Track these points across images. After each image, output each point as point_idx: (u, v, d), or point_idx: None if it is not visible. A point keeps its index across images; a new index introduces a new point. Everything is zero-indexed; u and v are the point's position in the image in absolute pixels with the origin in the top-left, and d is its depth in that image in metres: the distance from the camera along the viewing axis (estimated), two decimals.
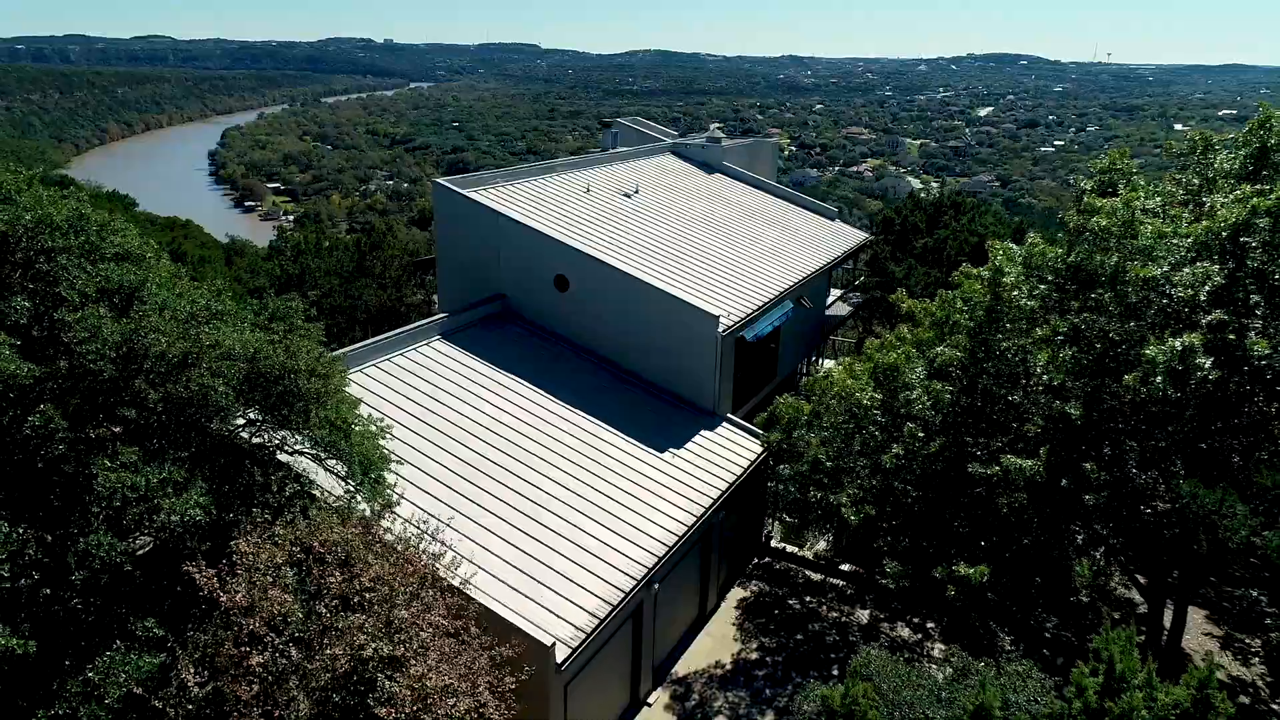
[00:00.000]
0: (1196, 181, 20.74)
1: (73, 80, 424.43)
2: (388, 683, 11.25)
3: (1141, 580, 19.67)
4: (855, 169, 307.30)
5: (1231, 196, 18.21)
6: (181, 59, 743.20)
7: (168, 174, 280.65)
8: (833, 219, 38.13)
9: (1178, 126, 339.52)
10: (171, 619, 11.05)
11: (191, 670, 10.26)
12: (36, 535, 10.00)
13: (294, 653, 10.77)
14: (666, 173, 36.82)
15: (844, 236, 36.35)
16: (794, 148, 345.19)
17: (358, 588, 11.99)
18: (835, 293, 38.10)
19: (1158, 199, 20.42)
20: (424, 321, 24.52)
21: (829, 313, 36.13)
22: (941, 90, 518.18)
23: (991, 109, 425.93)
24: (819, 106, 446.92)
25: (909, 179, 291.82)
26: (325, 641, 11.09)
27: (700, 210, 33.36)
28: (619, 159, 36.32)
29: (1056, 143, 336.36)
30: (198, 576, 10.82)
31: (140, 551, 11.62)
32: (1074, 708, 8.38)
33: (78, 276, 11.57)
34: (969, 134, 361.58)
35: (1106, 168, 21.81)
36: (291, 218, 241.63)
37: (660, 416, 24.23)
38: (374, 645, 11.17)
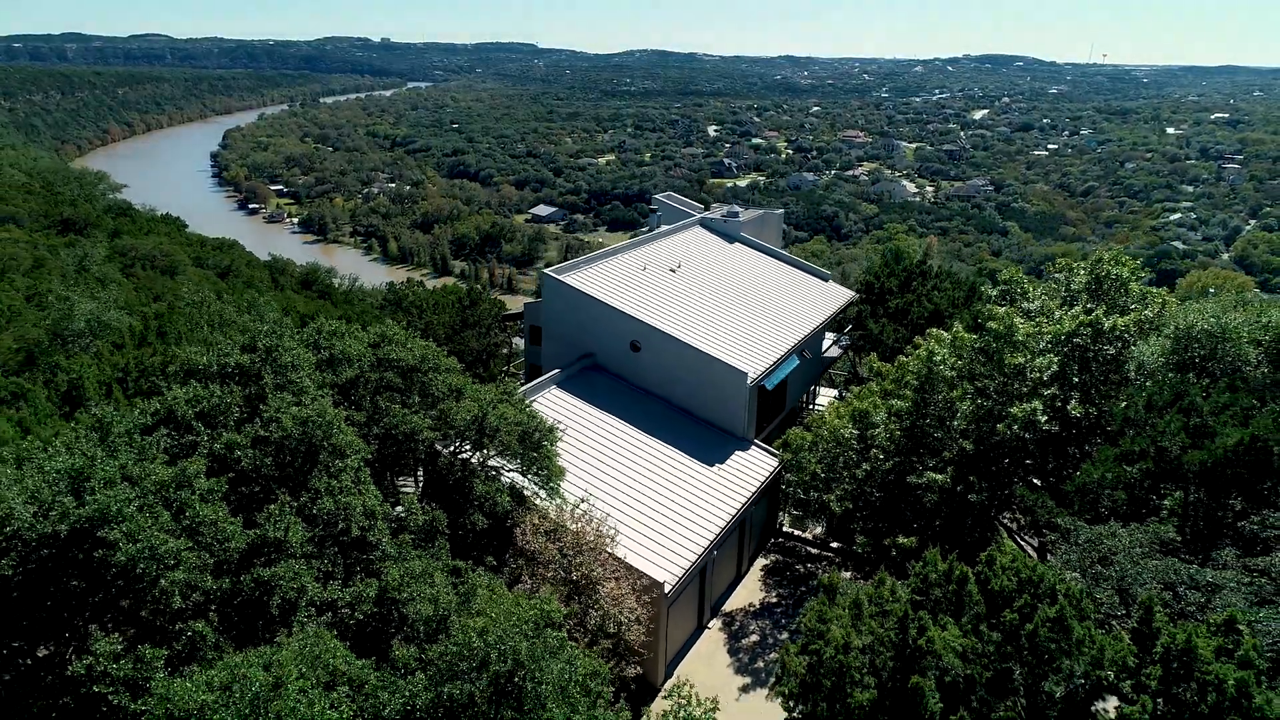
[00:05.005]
0: (1063, 292, 32.04)
1: (73, 80, 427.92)
2: (600, 589, 22.41)
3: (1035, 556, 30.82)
4: (851, 172, 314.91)
5: (1070, 313, 29.44)
6: (179, 58, 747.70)
7: (171, 175, 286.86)
8: (826, 280, 49.28)
9: (1169, 130, 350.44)
10: (496, 556, 22.12)
11: (526, 576, 21.38)
12: (448, 517, 21.16)
13: (562, 571, 21.95)
14: (699, 244, 47.89)
15: (835, 297, 47.48)
16: (790, 150, 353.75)
17: (577, 542, 23.11)
18: (830, 336, 49.23)
19: (1038, 301, 31.83)
20: (545, 376, 35.53)
21: (825, 354, 47.30)
22: (938, 92, 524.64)
23: (986, 111, 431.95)
24: (815, 108, 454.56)
25: (904, 182, 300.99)
26: (569, 567, 22.23)
27: (727, 280, 44.44)
28: (662, 236, 47.32)
29: (1050, 146, 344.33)
30: (518, 534, 22.00)
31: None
32: (913, 579, 19.53)
33: (437, 384, 22.61)
34: (964, 137, 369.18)
35: (1007, 279, 33.20)
36: (296, 220, 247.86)
37: (708, 441, 35.33)
38: (594, 569, 22.30)
